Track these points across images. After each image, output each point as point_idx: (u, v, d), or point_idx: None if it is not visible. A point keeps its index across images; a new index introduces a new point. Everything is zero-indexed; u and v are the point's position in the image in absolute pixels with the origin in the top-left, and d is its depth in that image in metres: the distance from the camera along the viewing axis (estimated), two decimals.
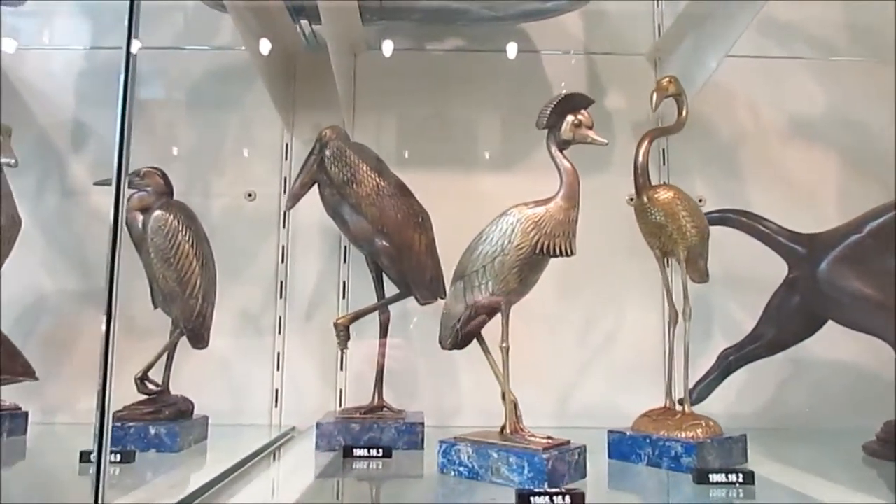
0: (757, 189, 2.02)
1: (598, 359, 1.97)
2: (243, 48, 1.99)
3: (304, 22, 1.89)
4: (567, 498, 1.05)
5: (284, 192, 2.00)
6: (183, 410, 1.55)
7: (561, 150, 1.27)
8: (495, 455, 1.21)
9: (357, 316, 1.65)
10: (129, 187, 1.62)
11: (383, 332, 1.68)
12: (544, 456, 1.16)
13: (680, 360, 1.51)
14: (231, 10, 1.66)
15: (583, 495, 1.06)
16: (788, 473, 1.35)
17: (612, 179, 1.97)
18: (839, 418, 1.85)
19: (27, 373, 1.32)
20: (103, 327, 0.84)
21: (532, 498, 1.05)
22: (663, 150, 2.04)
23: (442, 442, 1.29)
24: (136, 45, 2.00)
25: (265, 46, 1.81)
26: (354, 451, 1.43)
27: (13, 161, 1.63)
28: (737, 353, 1.73)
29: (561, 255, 1.24)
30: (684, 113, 1.52)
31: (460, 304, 1.31)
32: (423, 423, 1.55)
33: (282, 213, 1.98)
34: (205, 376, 1.82)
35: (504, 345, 1.28)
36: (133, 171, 1.62)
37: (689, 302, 1.48)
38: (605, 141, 1.26)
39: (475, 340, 1.37)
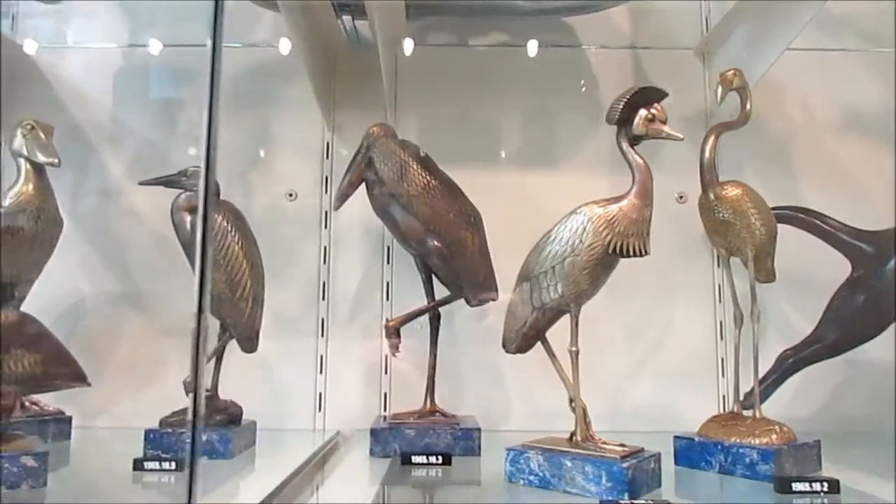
0: (809, 185, 1.96)
1: (647, 361, 1.92)
2: (276, 45, 1.97)
3: (346, 18, 1.85)
4: None
5: (326, 191, 1.96)
6: (233, 416, 1.51)
7: (632, 146, 1.23)
8: (569, 464, 1.16)
9: (408, 318, 1.61)
10: (176, 187, 1.59)
11: (434, 335, 1.64)
12: (624, 465, 1.11)
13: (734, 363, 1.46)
14: (282, 7, 1.62)
15: None
16: (868, 481, 1.30)
17: (659, 177, 1.91)
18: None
19: (79, 378, 1.28)
20: (193, 336, 0.79)
21: None
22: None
23: (510, 449, 1.24)
24: (157, 46, 2.00)
25: (307, 43, 1.77)
26: (413, 457, 1.39)
27: (56, 161, 1.60)
28: (796, 354, 1.68)
29: (635, 254, 1.19)
30: (748, 106, 1.47)
31: (527, 307, 1.27)
32: (479, 429, 1.51)
33: (323, 212, 1.94)
34: (246, 380, 1.78)
35: (574, 348, 1.24)
36: (179, 171, 1.59)
37: (757, 303, 1.43)
38: (681, 136, 1.21)
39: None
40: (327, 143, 1.98)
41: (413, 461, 1.38)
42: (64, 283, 1.87)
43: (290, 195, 1.94)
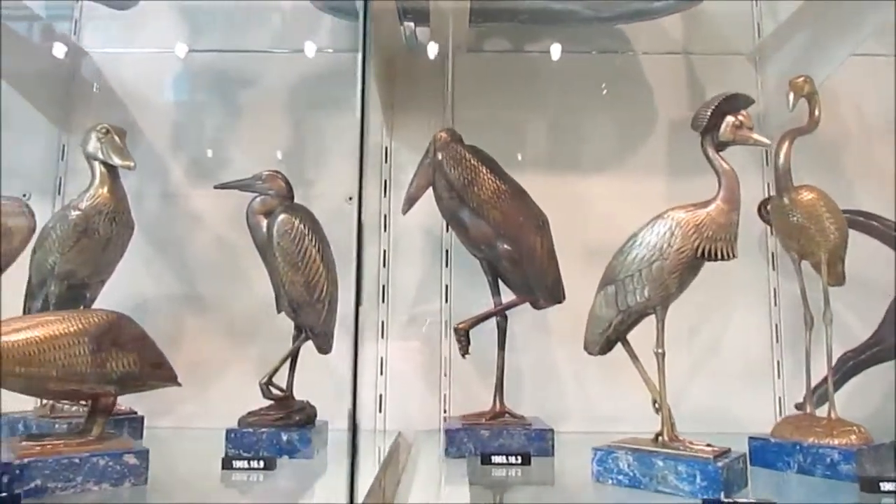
0: (862, 190, 1.98)
1: (702, 364, 1.94)
2: (330, 50, 2.00)
3: (408, 24, 1.88)
4: None
5: (384, 195, 1.98)
6: (310, 416, 1.53)
7: (718, 152, 1.25)
8: (661, 463, 1.18)
9: (477, 321, 1.63)
10: (251, 191, 1.61)
11: (501, 337, 1.66)
12: (719, 464, 1.13)
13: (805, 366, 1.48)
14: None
15: None
16: None
17: (710, 182, 1.94)
18: None
19: (172, 379, 1.30)
20: (351, 339, 0.82)
21: None
22: (766, 151, 2.01)
23: (597, 450, 1.26)
24: (180, 49, 2.02)
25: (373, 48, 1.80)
26: (493, 457, 1.41)
27: (132, 164, 1.62)
28: (857, 357, 1.70)
29: (723, 258, 1.21)
30: (817, 112, 1.49)
31: (611, 310, 1.29)
32: (552, 430, 1.52)
33: (382, 216, 1.97)
34: (308, 380, 1.80)
35: (659, 350, 1.26)
36: (254, 175, 1.62)
37: (829, 306, 1.45)
38: (769, 142, 1.24)
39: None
40: (386, 148, 2.00)
41: (493, 461, 1.41)
42: (127, 284, 1.89)
43: (349, 199, 1.97)
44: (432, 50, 1.96)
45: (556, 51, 2.00)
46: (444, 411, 1.90)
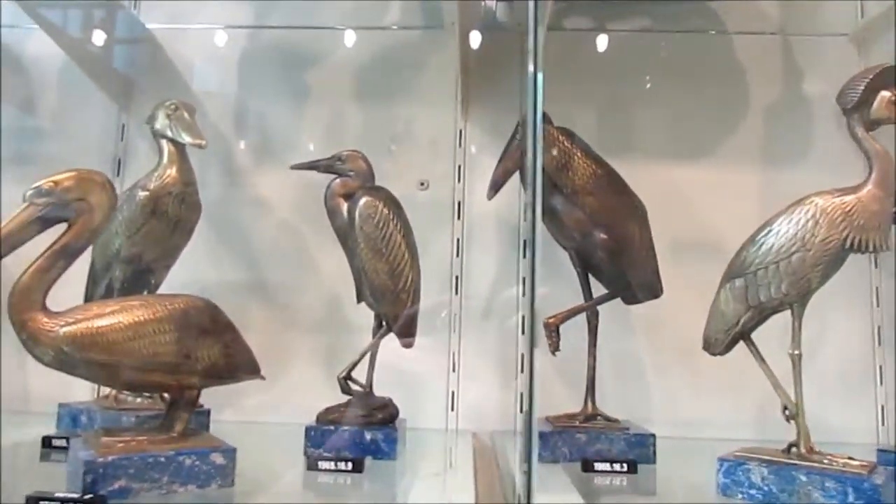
0: None
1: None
2: (395, 27, 1.89)
3: (489, 2, 1.76)
4: None
5: (459, 180, 1.87)
6: (393, 414, 1.43)
7: (868, 131, 1.12)
8: (804, 478, 1.06)
9: (568, 315, 1.52)
10: (329, 171, 1.51)
11: (592, 334, 1.54)
12: (876, 481, 1.01)
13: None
14: None
15: None
16: None
17: (809, 172, 1.81)
18: None
19: (256, 371, 1.20)
20: (521, 335, 0.71)
21: None
22: None
23: (723, 460, 1.14)
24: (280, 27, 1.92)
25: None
26: (596, 464, 1.29)
27: (203, 142, 1.52)
28: None
29: (874, 250, 1.08)
30: None
31: (739, 305, 1.17)
32: (654, 435, 1.41)
33: (456, 203, 1.86)
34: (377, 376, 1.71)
35: (796, 352, 1.14)
36: (333, 156, 1.51)
37: None
38: None
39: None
40: (460, 130, 1.89)
41: (596, 468, 1.29)
42: (188, 269, 1.79)
43: (422, 184, 1.86)
44: (507, 29, 1.85)
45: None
46: (521, 411, 1.78)
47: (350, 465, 1.23)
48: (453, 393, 1.79)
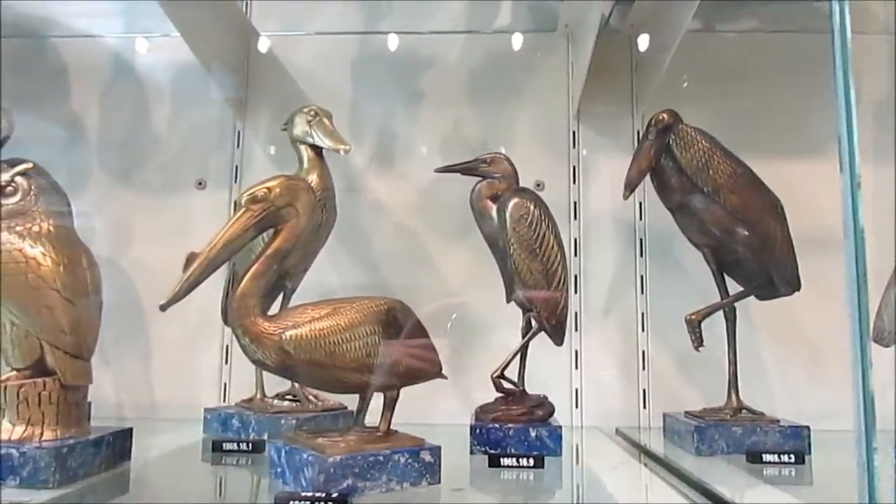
0: None
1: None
2: (504, 31, 1.92)
3: (605, 2, 1.79)
4: None
5: (573, 181, 1.90)
6: (550, 412, 1.45)
7: None
8: None
9: (709, 312, 1.54)
10: (474, 174, 1.53)
11: (731, 330, 1.57)
12: None
13: None
14: None
15: None
16: None
17: None
18: None
19: (440, 371, 1.22)
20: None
21: None
22: None
23: None
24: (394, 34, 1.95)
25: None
26: (764, 455, 1.32)
27: (348, 147, 1.55)
28: None
29: None
30: None
31: None
32: (808, 427, 1.43)
33: (571, 203, 1.88)
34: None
35: None
36: (477, 158, 1.53)
37: None
38: None
39: None
40: (573, 132, 1.92)
41: (764, 459, 1.32)
42: (311, 274, 1.83)
43: (538, 185, 1.88)
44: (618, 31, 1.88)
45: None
46: (644, 407, 1.81)
47: (531, 461, 1.25)
48: (577, 390, 1.82)
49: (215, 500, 1.21)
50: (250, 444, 1.37)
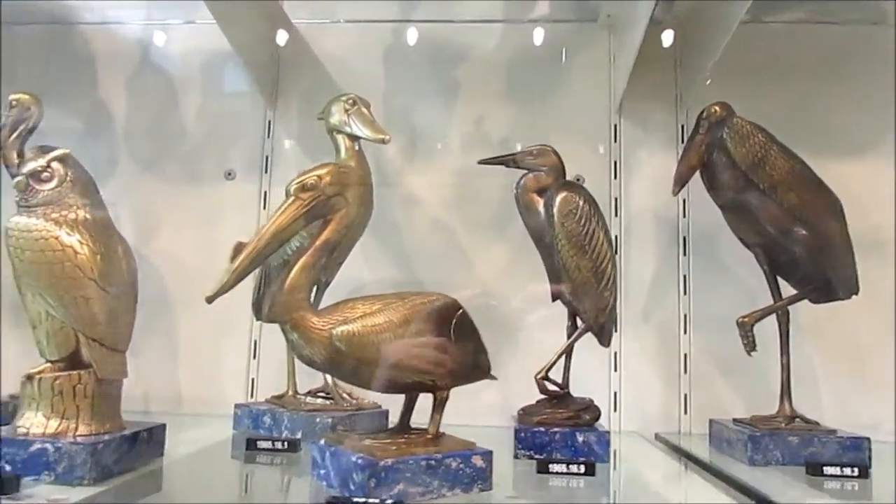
0: None
1: None
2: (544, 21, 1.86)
3: None
4: None
5: (615, 176, 1.84)
6: (597, 415, 1.39)
7: None
8: None
9: (763, 315, 1.48)
10: (520, 167, 1.47)
11: (784, 334, 1.50)
12: None
13: None
14: None
15: None
16: None
17: None
18: None
19: (489, 371, 1.17)
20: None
21: None
22: None
23: None
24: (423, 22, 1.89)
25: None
26: (825, 468, 1.25)
27: (388, 137, 1.49)
28: None
29: None
30: None
31: None
32: (868, 439, 1.36)
33: (612, 199, 1.82)
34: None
35: None
36: (523, 150, 1.48)
37: None
38: None
39: None
40: (615, 126, 1.85)
41: (825, 472, 1.25)
42: (344, 267, 1.78)
43: (578, 179, 1.81)
44: (667, 21, 1.81)
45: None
46: (685, 412, 1.75)
47: (582, 467, 1.20)
48: (615, 393, 1.76)
49: (252, 500, 1.17)
50: (285, 443, 1.32)
